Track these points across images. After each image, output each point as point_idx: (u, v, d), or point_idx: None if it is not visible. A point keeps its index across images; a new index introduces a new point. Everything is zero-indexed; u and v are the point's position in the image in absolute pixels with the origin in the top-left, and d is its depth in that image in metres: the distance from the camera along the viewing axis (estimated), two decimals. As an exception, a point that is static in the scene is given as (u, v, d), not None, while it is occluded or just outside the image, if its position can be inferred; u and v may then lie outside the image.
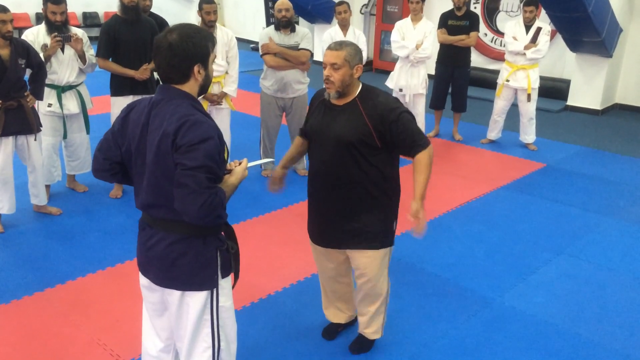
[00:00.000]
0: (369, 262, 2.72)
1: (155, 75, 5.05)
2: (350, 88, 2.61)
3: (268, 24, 11.78)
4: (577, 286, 3.75)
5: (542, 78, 6.56)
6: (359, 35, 5.68)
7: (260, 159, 5.54)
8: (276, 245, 4.10)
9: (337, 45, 2.59)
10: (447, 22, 6.45)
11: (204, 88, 2.10)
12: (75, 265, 3.80)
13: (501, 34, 8.54)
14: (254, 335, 3.14)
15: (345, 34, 5.61)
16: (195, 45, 1.98)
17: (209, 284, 2.12)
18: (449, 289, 3.67)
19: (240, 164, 2.15)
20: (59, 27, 4.40)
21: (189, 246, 2.07)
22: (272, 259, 3.93)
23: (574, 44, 7.80)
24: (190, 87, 2.04)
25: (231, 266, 2.22)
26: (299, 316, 3.34)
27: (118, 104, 4.74)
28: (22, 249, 4.02)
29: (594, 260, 4.10)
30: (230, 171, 2.12)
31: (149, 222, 2.12)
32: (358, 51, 2.62)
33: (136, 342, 3.05)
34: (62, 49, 4.45)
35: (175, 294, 2.11)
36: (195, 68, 2.00)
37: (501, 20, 9.16)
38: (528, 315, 3.41)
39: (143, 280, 2.21)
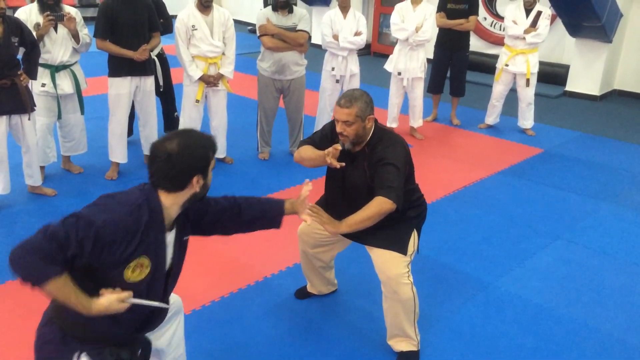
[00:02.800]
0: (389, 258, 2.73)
1: (152, 55, 4.99)
2: (363, 137, 2.67)
3: (265, 4, 11.66)
4: (574, 271, 3.76)
5: (540, 63, 6.51)
6: (359, 17, 5.61)
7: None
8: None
9: (347, 102, 2.59)
10: (446, 5, 6.38)
11: (197, 197, 1.98)
12: (70, 247, 3.77)
13: (501, 18, 8.46)
14: (249, 318, 3.14)
15: (345, 16, 5.54)
16: (195, 156, 1.89)
17: None
18: (445, 273, 3.66)
19: (119, 293, 1.84)
20: (51, 6, 4.32)
21: (49, 333, 1.93)
22: (268, 241, 3.91)
23: (574, 29, 7.75)
24: (182, 195, 1.93)
25: None
26: (294, 299, 3.33)
27: (116, 85, 4.67)
28: (16, 229, 3.99)
29: (590, 245, 4.10)
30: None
31: None
32: (369, 102, 2.63)
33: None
34: (55, 28, 4.38)
35: None
36: (195, 179, 1.91)
37: (501, 5, 9.07)
38: (524, 299, 3.42)
39: None
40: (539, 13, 6.07)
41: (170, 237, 2.00)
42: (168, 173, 1.87)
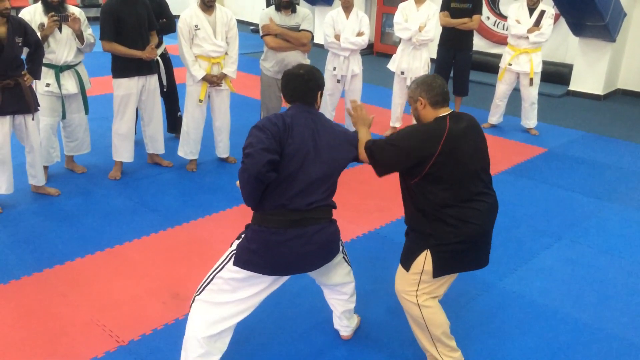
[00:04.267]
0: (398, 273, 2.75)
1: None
2: (420, 120, 2.70)
3: (268, 4, 11.65)
4: (578, 271, 3.75)
5: (544, 62, 6.50)
6: (362, 17, 5.61)
7: None
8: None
9: (410, 84, 2.82)
10: (449, 4, 6.37)
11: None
12: (74, 246, 3.78)
13: (504, 17, 8.45)
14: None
15: (348, 16, 5.54)
16: (319, 78, 2.59)
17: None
18: (449, 272, 3.65)
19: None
20: (55, 7, 4.33)
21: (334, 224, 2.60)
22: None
23: (577, 28, 7.73)
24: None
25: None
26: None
27: (125, 86, 4.66)
28: (20, 229, 4.00)
29: (594, 245, 4.09)
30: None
31: (306, 219, 2.40)
32: (420, 84, 2.66)
33: (134, 322, 3.05)
34: (60, 29, 4.39)
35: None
36: (319, 93, 2.57)
37: (504, 4, 9.05)
38: (528, 299, 3.41)
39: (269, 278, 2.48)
40: (542, 12, 6.06)
41: None
42: (307, 85, 2.52)
